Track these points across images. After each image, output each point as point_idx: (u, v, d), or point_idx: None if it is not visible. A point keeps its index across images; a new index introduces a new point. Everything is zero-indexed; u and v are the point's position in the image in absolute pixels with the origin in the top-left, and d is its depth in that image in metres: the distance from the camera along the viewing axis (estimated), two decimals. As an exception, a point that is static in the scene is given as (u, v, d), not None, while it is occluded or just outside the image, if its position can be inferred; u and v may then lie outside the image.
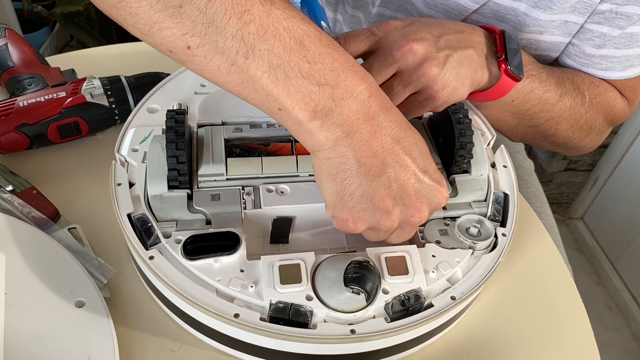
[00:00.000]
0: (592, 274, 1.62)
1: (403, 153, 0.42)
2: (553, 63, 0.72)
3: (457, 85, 0.53)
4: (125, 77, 0.67)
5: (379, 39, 0.55)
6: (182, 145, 0.48)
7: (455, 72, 0.53)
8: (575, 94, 0.67)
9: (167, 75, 0.64)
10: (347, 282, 0.45)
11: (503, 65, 0.56)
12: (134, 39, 0.45)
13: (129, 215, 0.48)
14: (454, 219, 0.52)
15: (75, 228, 0.56)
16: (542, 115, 0.66)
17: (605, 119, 0.72)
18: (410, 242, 0.51)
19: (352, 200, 0.43)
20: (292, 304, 0.44)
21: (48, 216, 0.56)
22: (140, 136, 0.54)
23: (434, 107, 0.54)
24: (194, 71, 0.40)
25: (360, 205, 0.43)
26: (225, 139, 0.54)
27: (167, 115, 0.50)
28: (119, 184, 0.50)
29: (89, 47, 0.80)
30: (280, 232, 0.51)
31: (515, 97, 0.63)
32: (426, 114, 0.60)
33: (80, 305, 0.49)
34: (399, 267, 0.47)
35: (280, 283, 0.45)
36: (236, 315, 0.44)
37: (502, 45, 0.56)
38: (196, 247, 0.47)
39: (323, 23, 0.58)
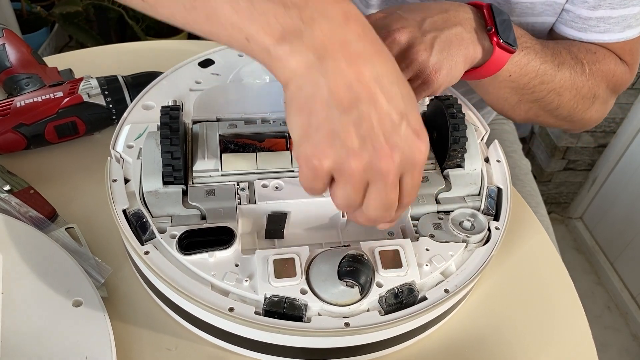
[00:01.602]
0: (591, 274, 1.62)
1: (380, 91, 0.38)
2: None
3: (451, 66, 0.53)
4: (122, 76, 0.68)
5: None
6: (177, 141, 0.48)
7: (446, 53, 0.52)
8: (574, 63, 0.65)
9: (164, 74, 0.64)
10: (341, 275, 0.45)
11: (495, 38, 0.55)
12: (131, 39, 0.45)
13: (124, 211, 0.49)
14: (447, 212, 0.52)
15: (72, 228, 0.57)
16: (543, 88, 0.64)
17: (607, 86, 0.70)
18: (404, 235, 0.52)
19: (319, 134, 0.38)
20: (286, 297, 0.44)
21: (45, 216, 0.57)
22: (135, 133, 0.55)
23: (431, 92, 0.53)
24: (164, 17, 0.39)
25: (327, 140, 0.38)
26: (220, 135, 0.54)
27: (161, 111, 0.50)
28: (114, 180, 0.51)
29: (87, 47, 0.81)
30: (275, 227, 0.51)
31: (512, 71, 0.61)
32: (420, 109, 0.61)
33: (77, 304, 0.49)
34: (393, 261, 0.47)
35: (275, 277, 0.45)
36: (231, 309, 0.44)
37: (491, 18, 0.55)
38: (191, 242, 0.47)
39: None
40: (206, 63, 0.65)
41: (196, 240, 0.47)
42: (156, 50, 0.84)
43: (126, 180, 0.51)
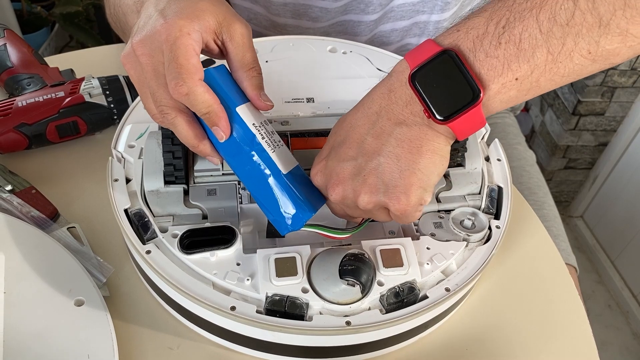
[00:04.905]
0: (592, 272, 1.62)
1: None
2: None
3: (410, 179, 0.42)
4: (123, 76, 0.68)
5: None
6: (178, 141, 0.48)
7: (391, 172, 0.42)
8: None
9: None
10: (343, 274, 0.45)
11: (436, 121, 0.40)
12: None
13: (125, 211, 0.49)
14: (448, 211, 0.52)
15: (74, 227, 0.57)
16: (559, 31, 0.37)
17: None
18: (405, 234, 0.52)
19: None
20: (288, 296, 0.45)
21: (47, 215, 0.57)
22: (136, 132, 0.55)
23: (401, 218, 0.45)
24: None
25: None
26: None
27: (163, 111, 0.50)
28: (116, 180, 0.51)
29: (88, 47, 0.81)
30: (276, 226, 0.51)
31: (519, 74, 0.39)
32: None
33: (79, 304, 0.49)
34: (394, 259, 0.47)
35: (276, 276, 0.45)
36: (233, 308, 0.44)
37: (419, 95, 0.40)
38: (193, 242, 0.47)
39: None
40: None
41: (198, 240, 0.47)
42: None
43: (127, 180, 0.51)
